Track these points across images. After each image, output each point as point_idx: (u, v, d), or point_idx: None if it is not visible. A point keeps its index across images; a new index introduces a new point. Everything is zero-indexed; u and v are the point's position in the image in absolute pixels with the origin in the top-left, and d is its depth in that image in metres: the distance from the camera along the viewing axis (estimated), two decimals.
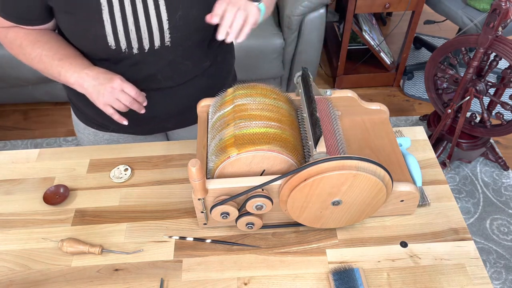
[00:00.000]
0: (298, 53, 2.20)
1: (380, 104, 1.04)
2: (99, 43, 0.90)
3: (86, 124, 1.16)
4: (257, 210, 0.84)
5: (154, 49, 0.93)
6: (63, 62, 0.91)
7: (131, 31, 0.89)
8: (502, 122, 1.80)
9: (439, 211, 0.96)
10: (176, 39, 0.93)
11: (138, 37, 0.90)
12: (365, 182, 0.78)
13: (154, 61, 0.96)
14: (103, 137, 1.17)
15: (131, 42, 0.91)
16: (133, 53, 0.93)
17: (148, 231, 0.94)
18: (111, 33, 0.89)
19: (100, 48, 0.91)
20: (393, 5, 2.19)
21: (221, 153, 0.82)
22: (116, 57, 0.93)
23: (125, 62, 0.95)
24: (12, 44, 0.95)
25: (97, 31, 0.88)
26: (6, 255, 0.91)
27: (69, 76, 0.91)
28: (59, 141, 2.34)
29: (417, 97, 2.58)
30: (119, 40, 0.90)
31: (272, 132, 0.83)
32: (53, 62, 0.91)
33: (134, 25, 0.89)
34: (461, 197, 2.02)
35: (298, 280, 0.86)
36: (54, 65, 0.91)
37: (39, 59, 0.92)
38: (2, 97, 2.39)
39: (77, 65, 0.91)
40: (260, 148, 0.80)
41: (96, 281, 0.86)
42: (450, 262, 0.88)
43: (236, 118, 0.85)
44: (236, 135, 0.83)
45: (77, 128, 1.21)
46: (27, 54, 0.93)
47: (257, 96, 0.90)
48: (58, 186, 1.01)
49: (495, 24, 1.55)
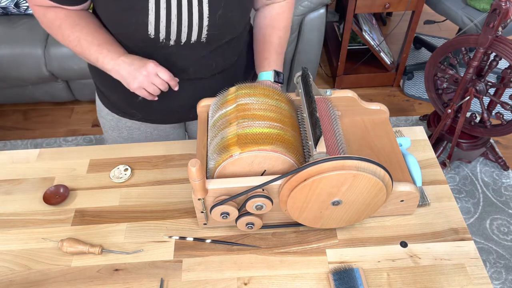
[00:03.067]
0: (298, 53, 2.20)
1: (380, 104, 1.04)
2: (139, 30, 0.91)
3: (110, 110, 1.18)
4: (257, 210, 0.84)
5: (189, 43, 0.96)
6: (101, 48, 0.93)
7: (173, 23, 0.91)
8: (502, 122, 1.80)
9: (439, 211, 0.96)
10: (212, 36, 0.96)
11: (178, 29, 0.92)
12: (365, 182, 0.78)
13: (187, 55, 0.98)
14: (125, 124, 1.19)
15: (170, 34, 0.93)
16: (169, 44, 0.95)
17: (148, 231, 0.94)
18: (153, 22, 0.90)
19: (139, 36, 0.93)
20: (393, 5, 2.19)
21: (223, 152, 0.82)
22: (151, 47, 0.95)
23: (159, 52, 0.97)
24: (52, 24, 0.95)
25: (139, 19, 0.89)
26: (6, 255, 0.91)
27: (106, 62, 0.93)
28: (59, 141, 2.34)
29: (417, 97, 2.58)
30: (159, 30, 0.92)
31: (275, 133, 0.83)
32: (91, 47, 0.93)
33: (176, 18, 0.91)
34: (461, 197, 2.02)
35: (298, 280, 0.86)
36: (92, 51, 0.93)
37: (77, 42, 0.94)
38: (2, 97, 2.39)
39: (114, 52, 0.93)
40: (263, 148, 0.80)
41: (96, 281, 0.86)
42: (450, 262, 0.88)
43: (239, 117, 0.86)
44: (239, 134, 0.83)
45: (100, 114, 1.23)
46: (66, 36, 0.95)
47: (259, 96, 0.90)
48: (58, 186, 1.01)
49: (495, 24, 1.55)
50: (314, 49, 2.20)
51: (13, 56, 2.11)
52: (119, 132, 1.20)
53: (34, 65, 2.14)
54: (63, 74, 2.20)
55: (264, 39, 1.07)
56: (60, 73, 2.20)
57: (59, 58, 2.13)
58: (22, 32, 2.16)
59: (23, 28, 2.17)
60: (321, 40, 2.19)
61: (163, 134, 1.22)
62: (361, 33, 2.38)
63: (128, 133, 1.20)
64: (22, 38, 2.13)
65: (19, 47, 2.11)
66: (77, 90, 2.38)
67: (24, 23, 2.20)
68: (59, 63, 2.14)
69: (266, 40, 1.06)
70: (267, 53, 1.06)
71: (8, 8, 2.20)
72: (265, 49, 1.06)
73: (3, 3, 2.17)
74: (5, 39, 2.12)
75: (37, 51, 2.12)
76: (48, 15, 0.94)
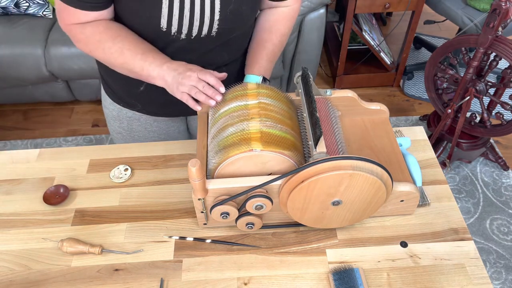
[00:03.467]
0: (298, 53, 2.20)
1: (380, 104, 1.04)
2: (151, 23, 0.92)
3: (113, 100, 1.18)
4: (257, 210, 0.84)
5: (200, 37, 0.96)
6: (145, 56, 0.92)
7: (185, 16, 0.92)
8: (502, 122, 1.80)
9: (439, 211, 0.96)
10: (222, 30, 0.97)
11: (190, 23, 0.93)
12: (362, 181, 0.78)
13: (196, 48, 0.99)
14: (126, 115, 1.19)
15: (182, 27, 0.93)
16: (180, 38, 0.95)
17: (148, 231, 0.94)
18: (166, 16, 0.91)
19: (150, 29, 0.93)
20: (393, 5, 2.19)
21: (244, 144, 0.81)
22: (163, 40, 0.96)
23: (168, 46, 0.97)
24: (90, 39, 0.94)
25: (153, 12, 0.90)
26: (6, 255, 0.91)
27: (151, 69, 0.92)
28: (59, 141, 2.34)
29: (417, 97, 2.58)
30: (172, 24, 0.92)
31: (291, 140, 0.85)
32: (136, 56, 0.92)
33: (189, 11, 0.91)
34: (461, 197, 2.02)
35: (298, 280, 0.86)
36: (137, 59, 0.92)
37: (120, 52, 0.93)
38: (2, 97, 2.39)
39: (159, 59, 0.93)
40: (282, 152, 0.81)
41: (96, 281, 0.86)
42: (450, 262, 0.88)
43: (262, 115, 0.86)
44: (263, 131, 0.83)
45: (104, 103, 1.23)
46: (107, 48, 0.93)
47: (278, 100, 0.91)
48: (58, 186, 1.01)
49: (495, 24, 1.55)
50: (314, 49, 2.20)
51: (13, 56, 2.11)
52: (119, 123, 1.21)
53: (34, 65, 2.14)
54: (63, 74, 2.20)
55: (260, 43, 1.07)
56: (60, 73, 2.20)
57: (59, 58, 2.13)
58: (22, 32, 2.16)
59: (23, 28, 2.17)
60: (321, 40, 2.19)
61: (163, 127, 1.22)
62: (361, 33, 2.38)
63: (128, 124, 1.20)
64: (22, 38, 2.13)
65: (19, 47, 2.11)
66: (77, 90, 2.38)
67: (24, 23, 2.20)
68: (59, 63, 2.14)
69: (261, 45, 1.07)
70: (260, 57, 1.06)
71: (8, 8, 2.20)
72: (258, 53, 1.07)
73: (3, 3, 2.17)
74: (5, 39, 2.12)
75: (37, 51, 2.12)
76: (86, 31, 0.93)
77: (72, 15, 0.91)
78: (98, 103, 2.54)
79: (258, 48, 1.07)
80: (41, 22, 2.22)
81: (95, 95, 2.40)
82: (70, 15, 0.91)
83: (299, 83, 0.96)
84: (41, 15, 2.24)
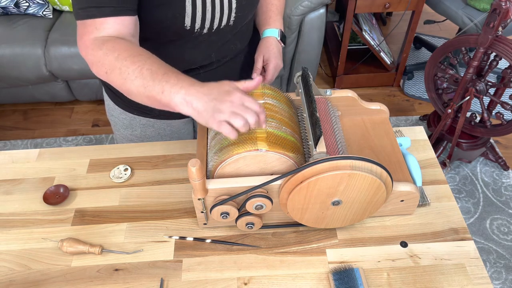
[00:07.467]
0: (298, 53, 2.20)
1: (380, 104, 1.04)
2: (175, 24, 0.90)
3: (124, 110, 1.15)
4: (257, 210, 0.84)
5: (219, 28, 0.97)
6: (168, 76, 0.77)
7: (208, 11, 0.92)
8: (502, 122, 1.80)
9: (439, 211, 0.96)
10: (238, 18, 0.98)
11: (212, 16, 0.93)
12: (361, 181, 0.78)
13: (214, 41, 1.00)
14: (139, 122, 1.17)
15: (205, 22, 0.93)
16: (202, 33, 0.95)
17: (148, 231, 0.94)
18: (190, 14, 0.90)
19: (174, 29, 0.92)
20: (393, 5, 2.19)
21: (249, 143, 0.81)
22: (184, 38, 0.95)
23: (190, 42, 0.97)
24: (107, 56, 0.81)
25: (177, 12, 0.89)
26: (6, 255, 0.91)
27: (174, 92, 0.75)
28: (59, 141, 2.34)
29: (417, 97, 2.58)
30: (195, 21, 0.92)
31: (294, 142, 0.85)
32: (156, 77, 0.77)
33: (211, 5, 0.92)
34: (461, 197, 2.02)
35: (298, 280, 0.86)
36: (157, 80, 0.77)
37: (138, 72, 0.78)
38: (2, 97, 2.39)
39: (184, 80, 0.77)
40: (287, 155, 0.81)
41: (96, 281, 0.86)
42: (450, 262, 0.88)
43: (268, 116, 0.86)
44: (269, 132, 0.83)
45: (110, 113, 1.20)
46: (124, 67, 0.79)
47: (282, 102, 0.91)
48: (58, 186, 1.01)
49: (495, 24, 1.55)
50: (314, 49, 2.20)
51: (13, 56, 2.11)
52: (132, 130, 1.19)
53: (34, 65, 2.14)
54: (63, 74, 2.20)
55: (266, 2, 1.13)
56: (60, 73, 2.20)
57: (59, 58, 2.13)
58: (22, 32, 2.16)
59: (23, 28, 2.17)
60: (321, 40, 2.19)
61: (175, 130, 1.22)
62: (361, 33, 2.38)
63: (142, 131, 1.19)
64: (22, 38, 2.13)
65: (19, 47, 2.11)
66: (77, 90, 2.38)
67: (24, 23, 2.20)
68: (59, 63, 2.14)
69: (268, 2, 1.13)
70: (271, 12, 1.12)
71: (8, 8, 2.20)
72: (269, 10, 1.12)
73: (3, 3, 2.17)
74: (5, 39, 2.12)
75: (37, 51, 2.12)
76: (104, 47, 0.82)
77: (89, 26, 0.83)
78: (98, 103, 2.54)
79: (267, 7, 1.12)
80: (41, 22, 2.22)
81: (95, 95, 2.40)
82: (86, 26, 0.83)
83: (299, 83, 0.96)
84: (41, 15, 2.25)
